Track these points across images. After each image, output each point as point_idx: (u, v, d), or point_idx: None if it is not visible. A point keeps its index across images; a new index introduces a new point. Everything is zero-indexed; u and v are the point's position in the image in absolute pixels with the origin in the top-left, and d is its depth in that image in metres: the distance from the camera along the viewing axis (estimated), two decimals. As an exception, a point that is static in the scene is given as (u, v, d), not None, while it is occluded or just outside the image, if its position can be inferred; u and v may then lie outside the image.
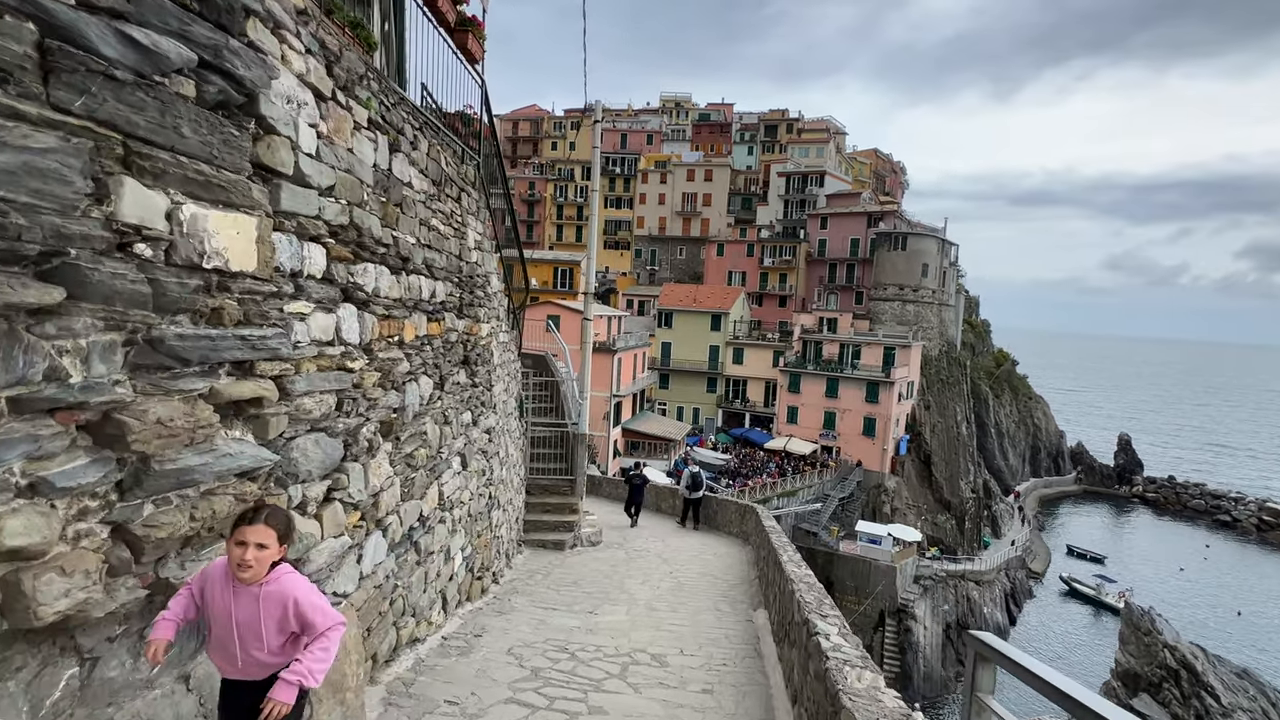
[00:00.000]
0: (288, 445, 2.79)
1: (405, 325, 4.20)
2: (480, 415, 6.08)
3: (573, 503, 9.46)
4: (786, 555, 5.33)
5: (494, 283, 7.20)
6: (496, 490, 6.73)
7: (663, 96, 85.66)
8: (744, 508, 11.41)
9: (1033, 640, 40.82)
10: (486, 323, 6.60)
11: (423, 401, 4.47)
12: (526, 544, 8.84)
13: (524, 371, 10.71)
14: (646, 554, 9.52)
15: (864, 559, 36.88)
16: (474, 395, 5.90)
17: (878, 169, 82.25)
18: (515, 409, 8.66)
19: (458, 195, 5.79)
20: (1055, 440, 74.05)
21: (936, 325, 53.49)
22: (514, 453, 8.29)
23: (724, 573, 8.27)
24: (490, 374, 6.59)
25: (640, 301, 59.23)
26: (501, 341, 7.53)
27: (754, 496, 37.64)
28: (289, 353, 2.75)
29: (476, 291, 6.28)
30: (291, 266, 2.80)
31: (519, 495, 8.75)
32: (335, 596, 3.10)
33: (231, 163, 2.37)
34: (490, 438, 6.43)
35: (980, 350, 70.38)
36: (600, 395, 39.92)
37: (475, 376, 5.95)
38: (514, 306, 8.64)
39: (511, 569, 7.46)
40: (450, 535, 4.95)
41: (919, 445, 47.37)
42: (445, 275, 5.19)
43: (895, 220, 55.67)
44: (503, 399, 7.34)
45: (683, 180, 67.75)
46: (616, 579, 7.53)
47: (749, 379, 50.48)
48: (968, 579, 41.14)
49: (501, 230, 8.46)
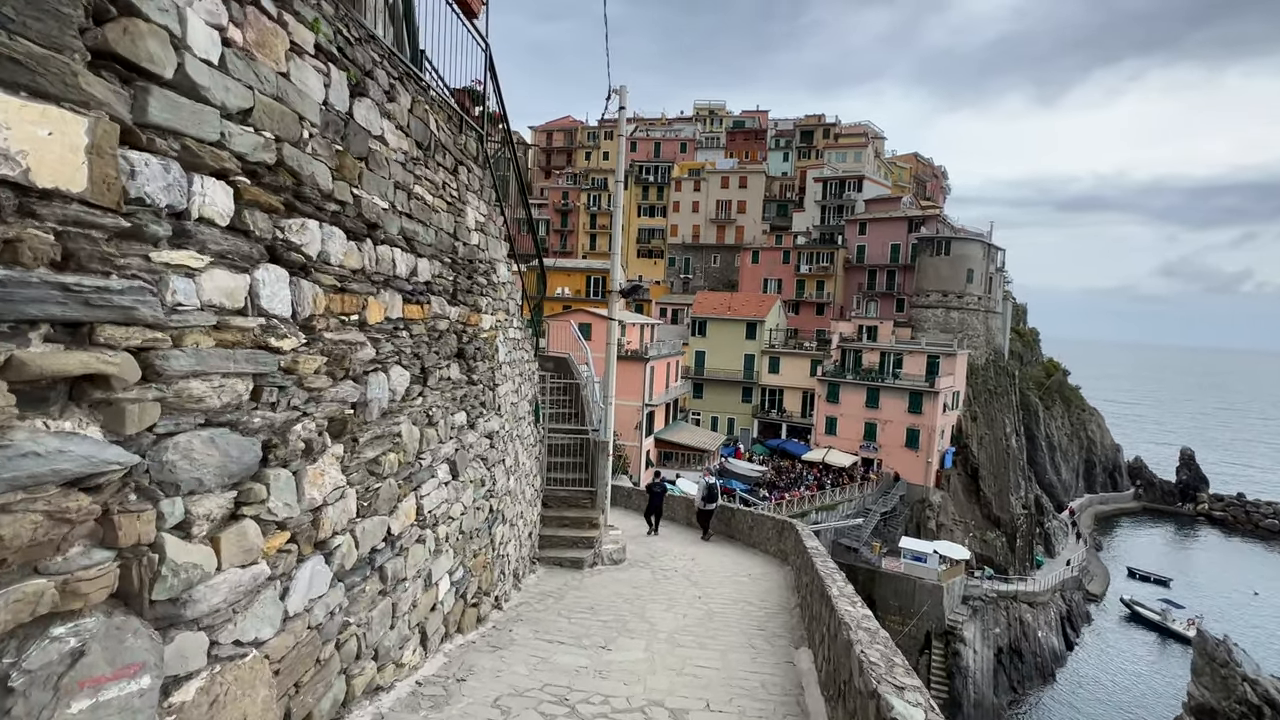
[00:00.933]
0: (160, 444, 2.05)
1: (369, 303, 3.47)
2: (479, 417, 5.33)
3: (593, 516, 8.64)
4: (836, 587, 4.41)
5: (501, 272, 6.48)
6: (501, 503, 5.96)
7: (696, 105, 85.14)
8: (782, 524, 10.44)
9: (1094, 668, 38.33)
10: (490, 314, 5.87)
11: (394, 397, 3.72)
12: (541, 561, 8.06)
13: (543, 374, 9.98)
14: (673, 574, 8.63)
15: (908, 577, 35.16)
16: (471, 394, 5.15)
17: (918, 173, 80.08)
18: (529, 413, 7.91)
19: (453, 167, 5.08)
20: (1111, 454, 70.39)
21: (983, 333, 51.31)
22: (526, 461, 7.54)
23: (760, 599, 7.34)
24: (494, 372, 5.84)
25: (674, 310, 58.40)
26: (511, 338, 6.80)
27: (791, 510, 36.29)
28: (158, 317, 2.01)
29: (477, 278, 5.55)
30: (167, 202, 2.07)
31: (533, 508, 7.99)
32: (238, 646, 2.34)
33: (41, 31, 1.65)
34: (493, 443, 5.68)
35: (1029, 360, 67.46)
36: (632, 404, 39.13)
37: (473, 373, 5.21)
38: (528, 298, 7.91)
39: (520, 590, 6.67)
40: (432, 557, 4.19)
41: (965, 458, 45.25)
42: (433, 253, 4.47)
43: (938, 225, 53.77)
44: (511, 401, 6.59)
45: (717, 187, 66.88)
46: (638, 604, 6.68)
47: (785, 388, 49.08)
48: (1020, 600, 38.91)
49: (512, 222, 7.77)
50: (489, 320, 5.77)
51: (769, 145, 76.28)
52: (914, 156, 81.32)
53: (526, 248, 8.42)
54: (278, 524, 2.61)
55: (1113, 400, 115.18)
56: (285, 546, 2.66)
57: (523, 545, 7.08)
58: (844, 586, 4.53)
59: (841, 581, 4.83)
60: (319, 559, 2.89)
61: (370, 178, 3.54)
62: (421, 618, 4.01)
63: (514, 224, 7.98)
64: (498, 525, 5.83)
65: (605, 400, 10.57)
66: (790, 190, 69.80)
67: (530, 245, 8.73)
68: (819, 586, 4.83)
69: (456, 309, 4.91)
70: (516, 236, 8.13)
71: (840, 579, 4.82)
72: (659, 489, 13.71)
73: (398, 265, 3.83)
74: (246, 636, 2.37)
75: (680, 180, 68.00)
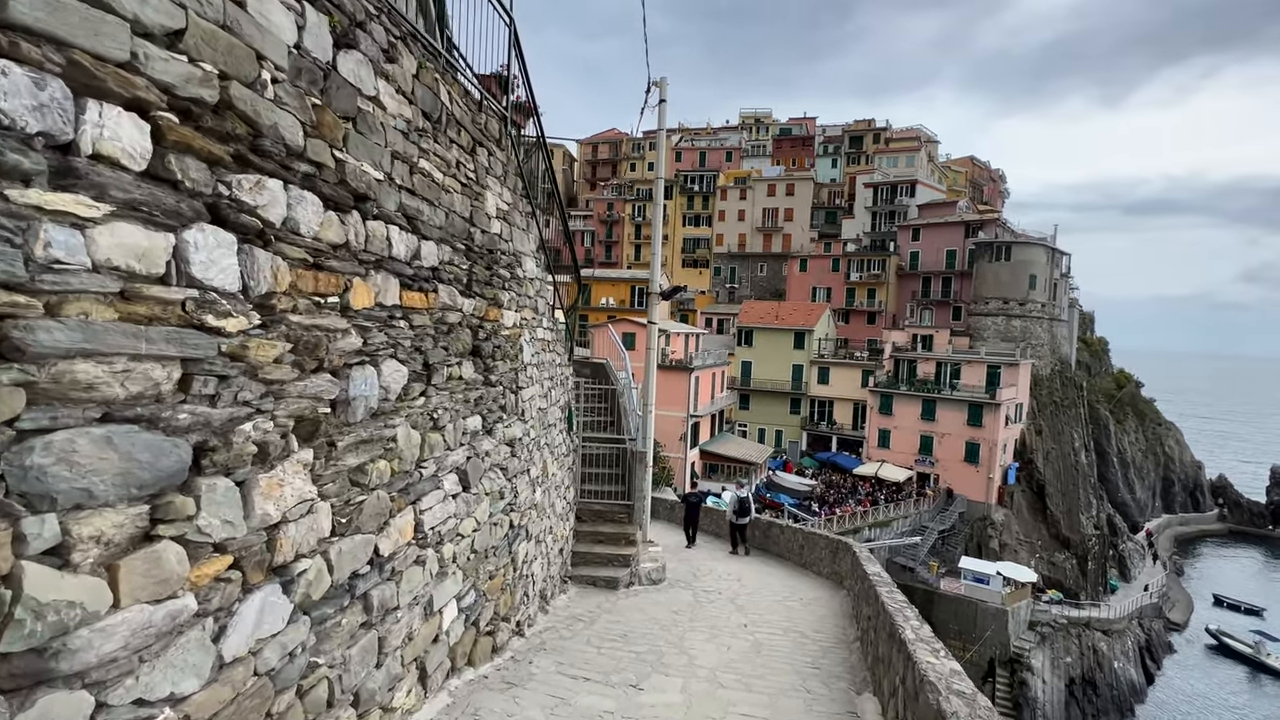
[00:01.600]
0: (23, 444, 1.55)
1: (355, 285, 2.98)
2: (498, 423, 4.81)
3: (630, 533, 8.01)
4: (910, 628, 3.67)
5: (529, 267, 5.98)
6: (524, 518, 5.42)
7: (742, 113, 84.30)
8: (836, 543, 9.59)
9: (1178, 704, 35.39)
10: (514, 310, 5.37)
11: (388, 395, 3.21)
12: (574, 580, 7.48)
13: (579, 380, 9.46)
14: (717, 597, 7.92)
15: (969, 600, 33.23)
16: (489, 397, 4.63)
17: (974, 177, 77.20)
18: (561, 420, 7.38)
19: (470, 146, 4.61)
20: (1192, 472, 65.78)
21: (1047, 342, 48.66)
22: (557, 472, 6.99)
23: (814, 629, 6.57)
24: (517, 373, 5.32)
25: (719, 320, 57.50)
26: (540, 339, 6.29)
27: (842, 526, 34.85)
28: (16, 274, 1.52)
29: (498, 270, 5.06)
30: (40, 128, 1.59)
31: (565, 523, 7.43)
32: (142, 706, 1.82)
33: None
34: (515, 452, 5.14)
35: (1097, 371, 63.78)
36: (677, 415, 38.39)
37: (491, 373, 4.69)
38: (562, 300, 7.40)
39: (548, 613, 6.10)
40: (435, 580, 3.65)
41: (1030, 474, 42.78)
42: (443, 237, 3.98)
43: (996, 229, 51.42)
44: (539, 406, 6.07)
45: (763, 195, 65.82)
46: (676, 632, 6.01)
47: (835, 400, 47.51)
48: (1093, 627, 36.30)
49: (544, 220, 7.32)
50: (512, 317, 5.26)
51: (817, 152, 74.81)
52: (969, 160, 78.46)
53: (564, 257, 7.95)
54: (213, 546, 2.10)
55: (1192, 415, 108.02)
56: (224, 574, 2.14)
57: (552, 564, 6.52)
58: (920, 628, 3.79)
59: (915, 620, 4.09)
60: (274, 588, 2.37)
61: (359, 142, 3.06)
62: (419, 652, 3.47)
63: (544, 222, 7.52)
64: (520, 543, 5.29)
65: (645, 408, 9.97)
66: (839, 197, 68.18)
67: (567, 255, 8.25)
68: (887, 624, 4.10)
69: (471, 301, 4.41)
70: (551, 238, 7.66)
71: (914, 617, 4.07)
72: (695, 499, 13.99)
73: (395, 245, 3.34)
74: (156, 693, 1.85)
75: (726, 189, 67.20)
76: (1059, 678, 33.48)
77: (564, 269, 8.73)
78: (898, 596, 4.72)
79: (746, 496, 13.07)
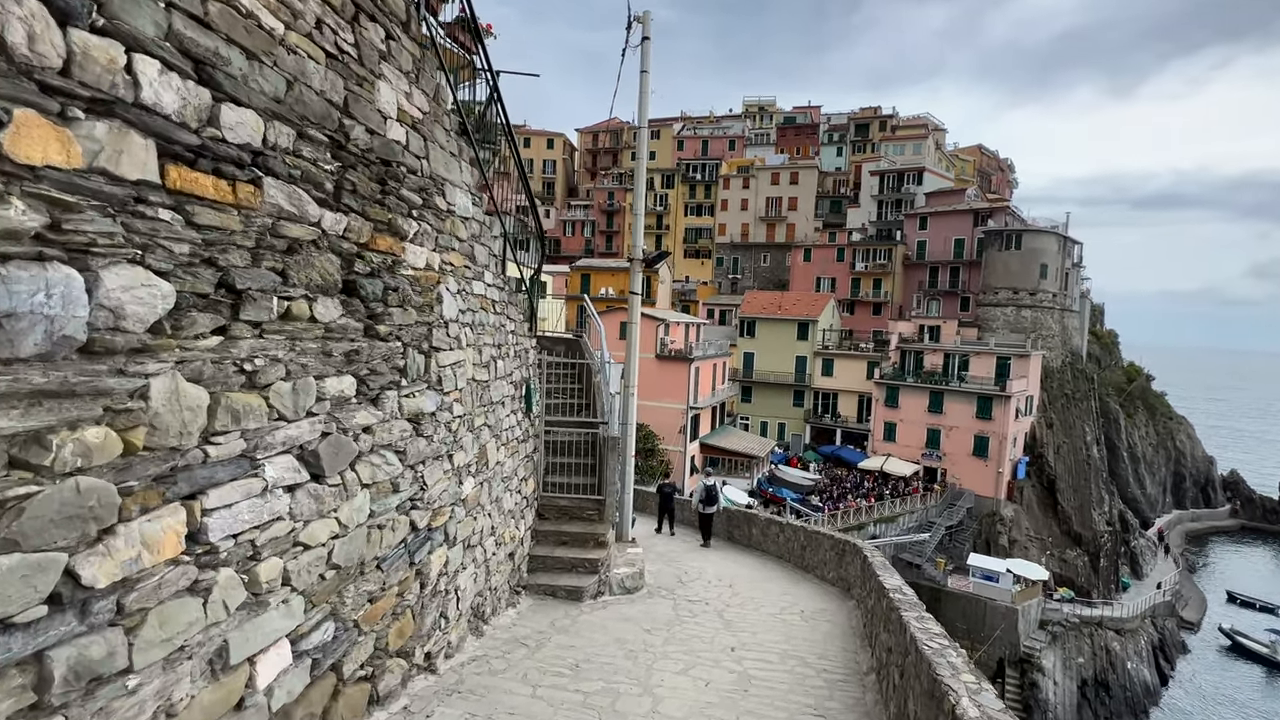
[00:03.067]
0: None
1: (25, 127, 1.72)
2: (389, 389, 3.56)
3: (599, 533, 6.71)
4: (957, 679, 2.44)
5: (460, 202, 4.73)
6: (441, 518, 4.18)
7: (745, 101, 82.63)
8: (843, 545, 8.33)
9: (1192, 706, 34.15)
10: (427, 249, 4.12)
11: (115, 323, 1.96)
12: (530, 590, 6.23)
13: (552, 360, 8.20)
14: (703, 610, 6.67)
15: (978, 598, 31.98)
16: (371, 352, 3.38)
17: (982, 167, 75.53)
18: (516, 400, 6.14)
19: (352, 14, 3.36)
20: (1204, 467, 64.29)
21: (1058, 333, 47.22)
22: (506, 460, 5.74)
23: (818, 653, 5.33)
24: (430, 330, 4.07)
25: (721, 311, 56.10)
26: (479, 294, 5.04)
27: (846, 521, 33.61)
28: None
29: (402, 191, 3.81)
30: None
31: (519, 521, 6.19)
32: None
33: None
34: (421, 430, 3.90)
35: (1107, 364, 62.24)
36: (676, 407, 37.10)
37: (379, 322, 3.44)
38: (514, 251, 6.16)
39: (483, 636, 4.85)
40: (237, 617, 2.41)
41: (1041, 468, 41.44)
42: (278, 113, 2.73)
43: (1006, 217, 49.92)
44: (471, 376, 4.82)
45: (766, 184, 64.29)
46: (644, 661, 4.77)
47: (840, 392, 46.15)
48: (1106, 626, 35.01)
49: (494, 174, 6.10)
50: (421, 255, 4.00)
51: (821, 140, 73.18)
52: (978, 149, 76.78)
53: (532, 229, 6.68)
54: None
55: (1202, 410, 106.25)
56: None
57: (494, 573, 5.27)
58: (972, 680, 2.55)
59: (957, 660, 2.85)
60: None
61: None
62: (202, 731, 2.24)
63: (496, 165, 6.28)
64: (433, 550, 4.04)
65: (626, 388, 8.71)
66: (844, 185, 66.65)
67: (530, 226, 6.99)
68: (923, 668, 2.87)
69: (340, 218, 3.16)
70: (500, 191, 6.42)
71: (958, 659, 2.84)
72: (669, 490, 14.53)
73: (148, 88, 2.09)
74: None
75: (729, 178, 65.67)
76: (1071, 679, 32.26)
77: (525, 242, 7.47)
78: (932, 627, 3.47)
79: (714, 485, 13.14)
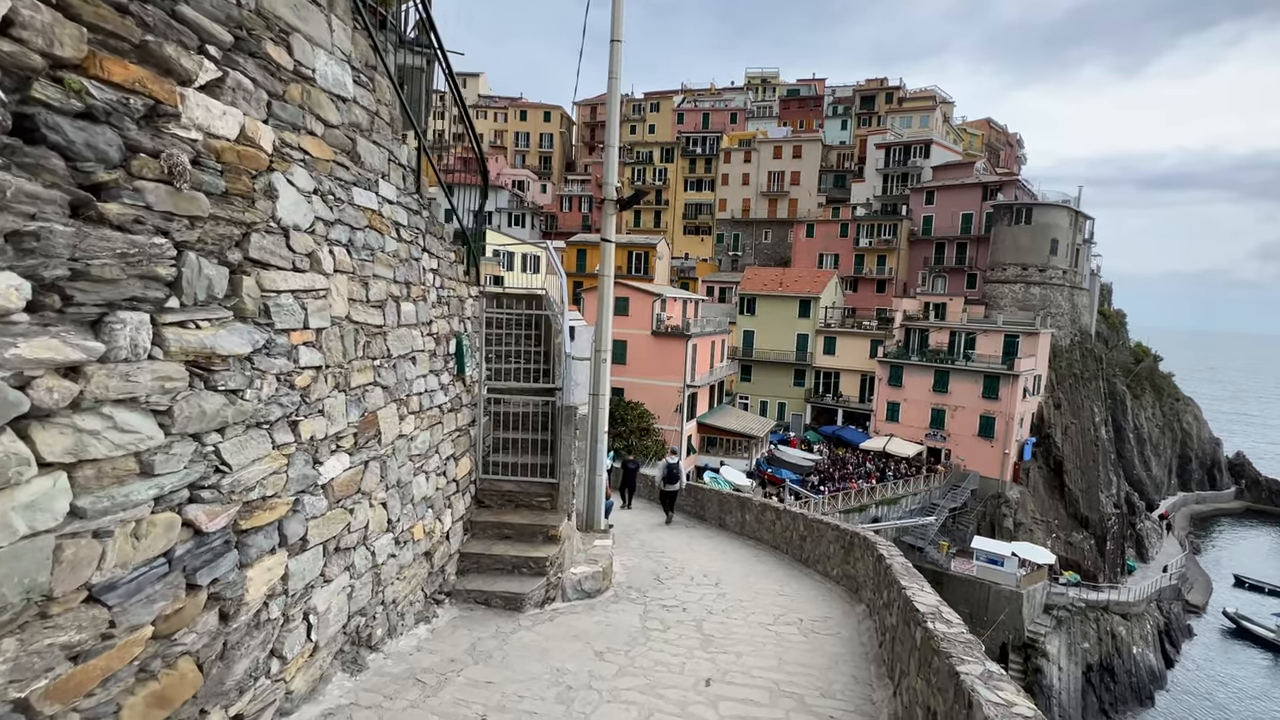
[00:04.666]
0: None
1: None
2: (129, 314, 2.25)
3: (551, 525, 5.37)
4: None
5: (324, 68, 3.43)
6: (281, 515, 2.92)
7: (748, 73, 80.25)
8: (850, 537, 7.09)
9: (1199, 691, 33.33)
10: (254, 117, 2.80)
11: None
12: (459, 596, 4.99)
13: (499, 316, 6.88)
14: (679, 618, 5.42)
15: (981, 581, 31.05)
16: (78, 244, 2.08)
17: (991, 141, 73.41)
18: (443, 358, 4.84)
19: None
20: (1210, 449, 63.19)
21: (1068, 311, 45.78)
22: (422, 434, 4.47)
23: (820, 686, 4.09)
24: (246, 232, 2.77)
25: (721, 288, 54.63)
26: (360, 204, 3.74)
27: (848, 503, 32.53)
28: None
29: (185, 11, 2.47)
30: None
31: (444, 512, 4.92)
32: None
33: None
34: (219, 383, 2.60)
35: (1114, 344, 60.82)
36: (672, 385, 35.86)
37: (109, 198, 2.13)
38: (429, 160, 4.83)
39: (363, 671, 3.60)
40: None
41: (1048, 450, 40.27)
42: None
43: (1016, 191, 48.20)
44: (341, 314, 3.54)
45: (769, 158, 62.37)
46: (583, 706, 3.50)
47: (842, 371, 44.88)
48: (1112, 611, 34.10)
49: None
50: (233, 120, 2.68)
51: (826, 113, 71.05)
52: (986, 123, 74.56)
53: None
54: None
55: (1209, 393, 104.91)
56: None
57: (390, 583, 4.02)
58: None
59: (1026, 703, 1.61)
60: None
61: None
62: None
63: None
64: (250, 563, 2.79)
65: (597, 353, 7.41)
66: (849, 159, 64.70)
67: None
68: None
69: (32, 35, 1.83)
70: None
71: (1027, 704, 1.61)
72: (633, 466, 15.22)
73: None
74: None
75: (730, 151, 63.70)
76: (1076, 664, 31.42)
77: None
78: (1006, 692, 2.19)
79: (676, 463, 13.32)
